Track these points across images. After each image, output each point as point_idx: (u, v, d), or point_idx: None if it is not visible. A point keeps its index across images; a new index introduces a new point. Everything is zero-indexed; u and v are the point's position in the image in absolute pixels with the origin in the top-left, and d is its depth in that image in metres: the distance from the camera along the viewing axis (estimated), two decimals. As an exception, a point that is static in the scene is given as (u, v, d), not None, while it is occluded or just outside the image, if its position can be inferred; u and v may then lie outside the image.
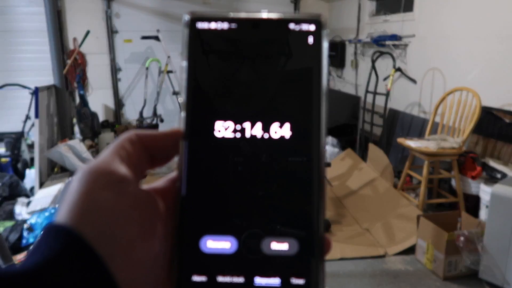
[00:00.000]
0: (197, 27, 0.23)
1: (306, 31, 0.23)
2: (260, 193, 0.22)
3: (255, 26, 0.23)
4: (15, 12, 3.77)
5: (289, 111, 0.23)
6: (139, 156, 0.22)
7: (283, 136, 0.22)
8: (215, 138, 0.22)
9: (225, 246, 0.21)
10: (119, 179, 0.20)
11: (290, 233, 0.22)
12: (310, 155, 0.22)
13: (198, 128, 0.23)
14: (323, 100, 0.23)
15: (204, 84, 0.23)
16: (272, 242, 0.21)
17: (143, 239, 0.20)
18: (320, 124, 0.22)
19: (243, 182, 0.22)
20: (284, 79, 0.23)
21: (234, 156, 0.22)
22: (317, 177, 0.22)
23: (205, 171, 0.22)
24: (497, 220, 1.76)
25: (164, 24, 4.00)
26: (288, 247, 0.21)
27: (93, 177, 0.20)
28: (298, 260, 0.21)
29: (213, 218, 0.22)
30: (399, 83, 3.02)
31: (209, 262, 0.21)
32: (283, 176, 0.22)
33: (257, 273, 0.21)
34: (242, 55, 0.23)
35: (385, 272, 1.93)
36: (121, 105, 4.24)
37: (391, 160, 2.80)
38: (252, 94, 0.23)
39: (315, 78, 0.23)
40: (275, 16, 0.23)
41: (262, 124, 0.22)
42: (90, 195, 0.19)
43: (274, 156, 0.22)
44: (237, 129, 0.22)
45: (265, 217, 0.22)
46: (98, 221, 0.19)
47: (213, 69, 0.23)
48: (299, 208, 0.22)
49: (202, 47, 0.23)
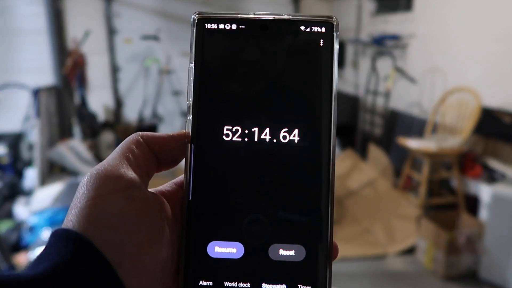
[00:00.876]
0: (205, 28, 0.23)
1: (317, 33, 0.22)
2: (268, 198, 0.22)
3: (264, 27, 0.22)
4: (15, 12, 3.77)
5: (299, 115, 0.22)
6: (146, 158, 0.22)
7: (293, 141, 0.22)
8: (224, 142, 0.22)
9: (232, 251, 0.21)
10: (128, 184, 0.20)
11: (298, 240, 0.21)
12: (320, 161, 0.22)
13: (206, 132, 0.22)
14: (334, 104, 0.22)
15: (212, 86, 0.22)
16: (279, 248, 0.21)
17: (151, 245, 0.20)
18: (331, 129, 0.22)
19: (251, 187, 0.22)
20: (294, 82, 0.22)
21: (242, 161, 0.22)
22: (326, 184, 0.22)
23: (212, 175, 0.22)
24: (497, 220, 1.76)
25: (164, 24, 4.00)
26: (296, 253, 0.21)
27: (101, 182, 0.20)
28: (305, 266, 0.21)
29: (221, 224, 0.22)
30: (399, 83, 3.02)
31: (216, 268, 0.21)
32: (292, 183, 0.22)
33: (263, 279, 0.21)
34: (251, 57, 0.22)
35: (385, 272, 1.93)
36: (121, 105, 4.24)
37: (391, 160, 2.80)
38: (261, 97, 0.22)
39: (326, 82, 0.22)
40: (285, 17, 0.23)
41: (271, 129, 0.22)
42: (99, 201, 0.19)
43: (283, 161, 0.22)
44: (246, 134, 0.22)
45: (273, 223, 0.22)
46: (107, 227, 0.19)
47: (221, 71, 0.22)
48: (308, 215, 0.22)
49: (210, 48, 0.22)
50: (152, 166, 0.22)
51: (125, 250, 0.19)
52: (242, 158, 0.22)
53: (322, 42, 0.22)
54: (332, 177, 0.22)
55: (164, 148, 0.23)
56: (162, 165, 0.23)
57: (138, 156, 0.22)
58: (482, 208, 1.96)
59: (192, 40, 0.23)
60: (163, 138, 0.23)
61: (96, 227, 0.19)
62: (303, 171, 0.22)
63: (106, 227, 0.19)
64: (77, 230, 0.18)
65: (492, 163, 2.15)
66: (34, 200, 2.39)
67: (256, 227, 0.21)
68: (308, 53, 0.22)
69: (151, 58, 3.92)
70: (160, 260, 0.20)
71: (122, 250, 0.19)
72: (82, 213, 0.19)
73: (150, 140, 0.22)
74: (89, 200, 0.19)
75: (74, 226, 0.19)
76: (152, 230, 0.20)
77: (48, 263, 0.17)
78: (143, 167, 0.22)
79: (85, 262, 0.18)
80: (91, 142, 3.46)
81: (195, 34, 0.22)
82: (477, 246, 1.80)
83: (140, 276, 0.19)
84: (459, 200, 2.25)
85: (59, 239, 0.18)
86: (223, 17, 0.23)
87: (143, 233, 0.20)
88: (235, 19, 0.22)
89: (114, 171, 0.20)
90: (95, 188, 0.20)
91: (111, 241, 0.19)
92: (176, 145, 0.23)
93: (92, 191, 0.19)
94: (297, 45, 0.22)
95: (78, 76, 3.70)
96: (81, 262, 0.18)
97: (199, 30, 0.23)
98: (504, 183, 1.93)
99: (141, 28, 3.92)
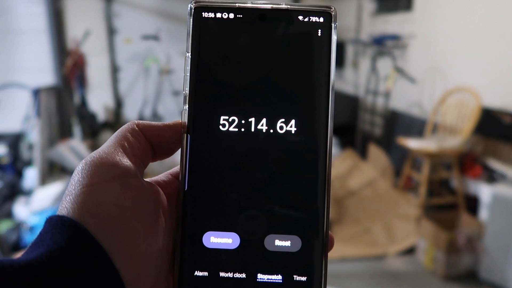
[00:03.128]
0: (202, 16, 0.22)
1: (315, 23, 0.22)
2: (264, 189, 0.21)
3: (262, 16, 0.22)
4: (15, 12, 3.77)
5: (296, 106, 0.22)
6: (142, 147, 0.22)
7: (289, 131, 0.22)
8: (220, 132, 0.22)
9: (228, 241, 0.21)
10: (123, 172, 0.20)
11: (294, 230, 0.21)
12: (317, 153, 0.22)
13: (202, 122, 0.22)
14: (331, 95, 0.22)
15: (208, 76, 0.22)
16: (275, 239, 0.21)
17: (147, 234, 0.20)
18: (328, 120, 0.22)
19: (247, 177, 0.22)
20: (291, 72, 0.22)
21: (238, 151, 0.22)
22: (323, 175, 0.22)
23: (208, 165, 0.22)
24: (497, 220, 1.76)
25: (164, 24, 4.00)
26: (292, 244, 0.21)
27: (96, 169, 0.20)
28: (301, 257, 0.21)
29: (216, 214, 0.22)
30: (399, 83, 3.02)
31: (212, 258, 0.21)
32: (289, 173, 0.22)
33: (259, 269, 0.21)
34: (248, 46, 0.22)
35: (385, 272, 1.93)
36: (121, 105, 4.24)
37: (391, 160, 2.80)
38: (258, 87, 0.22)
39: (324, 72, 0.22)
40: (283, 6, 0.22)
41: (268, 119, 0.22)
42: (94, 188, 0.19)
43: (279, 152, 0.22)
44: (243, 124, 0.22)
45: (269, 213, 0.21)
46: (102, 214, 0.19)
47: (218, 60, 0.22)
48: (304, 206, 0.21)
49: (207, 38, 0.22)
50: (148, 155, 0.22)
51: (120, 238, 0.19)
52: (238, 148, 0.22)
53: (320, 32, 0.22)
54: (329, 169, 0.22)
55: (159, 137, 0.22)
56: (158, 154, 0.23)
57: (134, 145, 0.21)
58: (482, 208, 1.95)
59: (188, 29, 0.22)
60: (159, 127, 0.22)
61: (91, 214, 0.18)
62: (300, 162, 0.22)
63: (101, 214, 0.19)
64: (72, 217, 0.18)
65: (492, 163, 2.15)
66: (34, 200, 2.39)
67: (252, 218, 0.21)
68: (305, 43, 0.22)
69: (151, 58, 3.92)
70: (156, 249, 0.20)
71: (118, 237, 0.19)
72: (77, 200, 0.19)
73: (145, 128, 0.22)
74: (84, 187, 0.19)
75: (69, 213, 0.18)
76: (148, 219, 0.20)
77: (43, 249, 0.17)
78: (138, 156, 0.21)
79: (79, 249, 0.17)
80: (91, 142, 3.46)
81: (192, 23, 0.22)
82: (477, 246, 1.80)
83: (135, 265, 0.19)
84: (459, 200, 2.25)
85: (53, 225, 0.18)
86: (221, 5, 0.22)
87: (139, 221, 0.20)
88: (233, 8, 0.22)
89: (110, 158, 0.20)
90: (90, 175, 0.19)
91: (106, 229, 0.18)
92: (171, 134, 0.22)
93: (87, 178, 0.19)
94: (295, 35, 0.22)
95: (78, 76, 3.70)
96: (76, 249, 0.17)
97: (196, 18, 0.22)
98: (504, 183, 1.93)
99: (141, 28, 3.92)
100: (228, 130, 0.22)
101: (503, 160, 2.17)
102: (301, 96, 0.22)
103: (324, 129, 0.22)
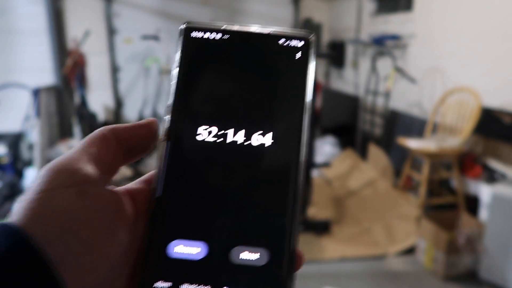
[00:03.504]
0: (191, 36, 0.24)
1: (294, 47, 0.24)
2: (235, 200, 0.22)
3: (246, 39, 0.24)
4: (15, 12, 3.77)
5: (272, 122, 0.23)
6: (112, 152, 0.21)
7: (263, 144, 0.22)
8: (196, 141, 0.22)
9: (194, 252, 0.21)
10: (82, 179, 0.19)
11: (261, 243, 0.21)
12: (289, 166, 0.22)
13: (181, 131, 0.23)
14: (306, 114, 0.23)
15: (191, 89, 0.23)
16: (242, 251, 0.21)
17: (101, 245, 0.19)
18: (301, 138, 0.23)
19: (219, 187, 0.22)
20: (270, 91, 0.23)
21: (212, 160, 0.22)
22: (293, 190, 0.22)
23: (183, 173, 0.22)
24: (497, 220, 1.76)
25: (164, 24, 4.00)
26: (258, 257, 0.21)
27: (54, 175, 0.19)
28: (267, 272, 0.21)
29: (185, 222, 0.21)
30: (399, 83, 3.02)
31: (175, 268, 0.21)
32: (260, 185, 0.22)
33: (224, 282, 0.20)
34: (231, 65, 0.24)
35: (385, 272, 1.93)
36: (121, 105, 4.24)
37: (391, 160, 2.80)
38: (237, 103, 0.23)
39: (300, 92, 0.23)
40: (266, 31, 0.24)
41: (244, 132, 0.23)
42: (48, 194, 0.18)
43: (252, 163, 0.22)
44: (219, 135, 0.23)
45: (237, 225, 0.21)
46: (51, 222, 0.18)
47: (202, 76, 0.24)
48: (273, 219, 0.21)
49: (193, 55, 0.24)
50: (118, 161, 0.22)
51: (69, 248, 0.18)
52: (213, 158, 0.22)
53: (299, 55, 0.24)
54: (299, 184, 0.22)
55: (132, 136, 0.22)
56: (132, 154, 0.23)
57: (101, 150, 0.21)
58: (482, 208, 1.96)
59: (177, 46, 0.24)
60: (131, 127, 0.23)
61: (40, 222, 0.18)
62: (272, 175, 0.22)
63: (50, 223, 0.18)
64: (19, 224, 0.18)
65: (492, 163, 2.15)
66: (34, 200, 2.39)
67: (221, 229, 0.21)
68: (284, 65, 0.24)
69: (151, 58, 3.92)
70: (110, 262, 0.19)
71: (66, 248, 0.18)
72: (28, 206, 0.18)
73: (117, 131, 0.22)
74: (38, 193, 0.18)
75: (17, 219, 0.18)
76: (103, 229, 0.19)
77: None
78: (106, 162, 0.21)
79: (18, 258, 0.17)
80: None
81: (181, 41, 0.24)
82: (477, 246, 1.80)
83: (83, 277, 0.18)
84: (459, 200, 2.25)
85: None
86: (209, 27, 0.24)
87: (93, 231, 0.19)
88: (219, 30, 0.24)
89: (71, 165, 0.19)
90: (47, 181, 0.19)
91: (54, 238, 0.18)
92: (144, 132, 0.23)
93: (44, 184, 0.19)
94: (275, 57, 0.24)
95: (78, 76, 3.70)
96: (14, 257, 0.17)
97: (185, 37, 0.24)
98: (504, 183, 1.93)
99: (141, 28, 3.92)
100: (204, 140, 0.22)
101: (503, 160, 2.17)
102: (277, 112, 0.23)
103: (297, 144, 0.22)
